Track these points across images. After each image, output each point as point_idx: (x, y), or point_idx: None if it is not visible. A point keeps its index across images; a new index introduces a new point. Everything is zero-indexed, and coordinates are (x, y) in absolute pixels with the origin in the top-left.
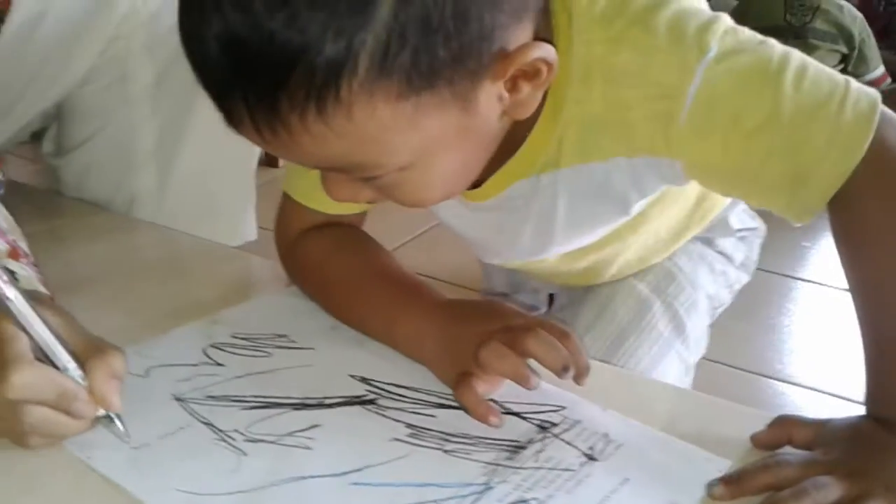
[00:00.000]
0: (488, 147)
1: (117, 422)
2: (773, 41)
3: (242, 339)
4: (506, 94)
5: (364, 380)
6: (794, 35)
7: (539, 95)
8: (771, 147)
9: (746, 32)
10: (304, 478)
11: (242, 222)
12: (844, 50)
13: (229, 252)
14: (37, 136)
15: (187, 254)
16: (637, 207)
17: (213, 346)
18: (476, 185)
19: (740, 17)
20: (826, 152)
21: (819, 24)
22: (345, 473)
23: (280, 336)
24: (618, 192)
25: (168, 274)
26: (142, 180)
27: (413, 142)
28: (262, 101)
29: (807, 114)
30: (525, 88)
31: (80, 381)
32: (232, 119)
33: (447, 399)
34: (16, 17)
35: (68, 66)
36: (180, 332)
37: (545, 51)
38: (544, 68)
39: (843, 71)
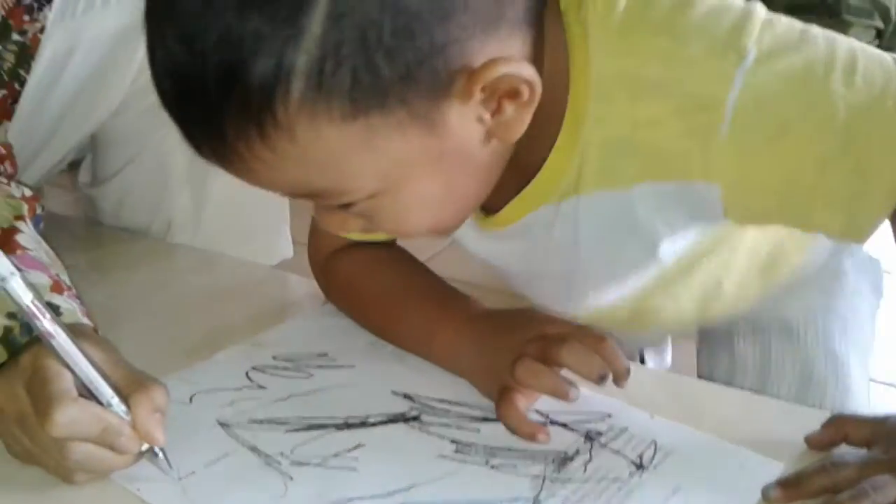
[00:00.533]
0: (479, 172)
1: (161, 455)
2: (814, 31)
3: (284, 360)
4: (487, 116)
5: (407, 396)
6: (829, 12)
7: (526, 117)
8: (826, 155)
9: (783, 23)
10: (351, 499)
11: (278, 240)
12: (880, 25)
13: (267, 272)
14: (73, 166)
15: (226, 276)
16: (669, 252)
17: (254, 368)
18: (496, 210)
19: None
20: (889, 153)
21: None
22: (391, 494)
23: (321, 355)
24: (644, 226)
25: (209, 298)
26: (177, 204)
27: (376, 166)
28: (208, 129)
29: (862, 113)
30: (508, 109)
31: (123, 416)
32: (194, 147)
33: (491, 413)
34: (46, 53)
35: (101, 98)
36: (222, 357)
37: (517, 67)
38: (524, 87)
39: (879, 46)
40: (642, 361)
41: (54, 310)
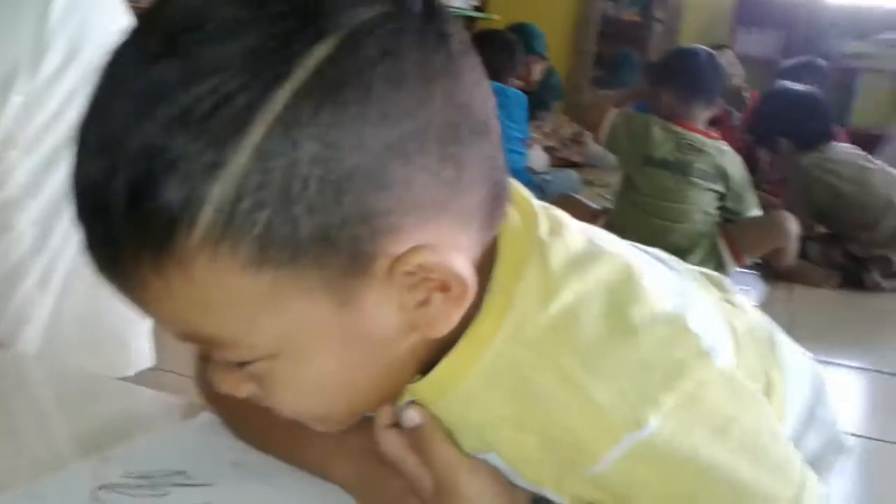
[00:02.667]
0: (390, 367)
1: None
2: (734, 430)
3: (136, 477)
4: (410, 303)
5: None
6: (680, 171)
7: (454, 314)
8: None
9: (707, 405)
10: None
11: (136, 350)
12: (722, 190)
13: (119, 386)
14: None
15: (75, 389)
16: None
17: (102, 487)
18: None
19: (637, 143)
20: None
21: (702, 164)
22: None
23: (178, 473)
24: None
25: (56, 411)
26: (30, 310)
27: (277, 325)
28: (105, 246)
29: None
30: (436, 302)
31: None
32: (91, 259)
33: None
34: None
35: None
36: (67, 474)
37: (447, 259)
38: (455, 282)
39: (722, 208)
40: None
41: None
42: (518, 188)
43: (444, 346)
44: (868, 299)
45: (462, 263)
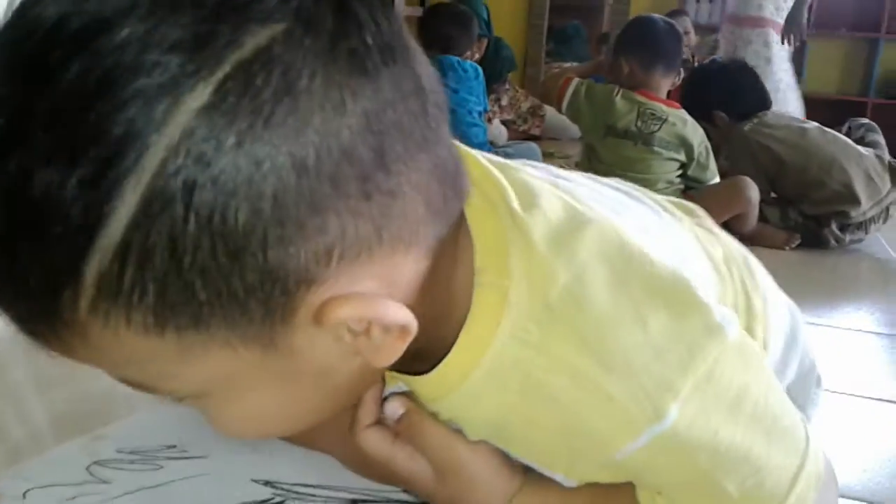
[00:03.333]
0: (340, 386)
1: None
2: (749, 394)
3: (129, 453)
4: (347, 337)
5: (268, 483)
6: (643, 141)
7: (400, 347)
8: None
9: (722, 383)
10: None
11: None
12: (683, 159)
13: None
14: None
15: (55, 372)
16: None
17: (96, 463)
18: None
19: (599, 112)
20: None
21: (664, 133)
22: None
23: (170, 447)
24: None
25: (36, 394)
26: None
27: (194, 374)
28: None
29: None
30: (376, 335)
31: None
32: None
33: (359, 494)
34: None
35: None
36: (60, 452)
37: (378, 310)
38: (393, 327)
39: (683, 175)
40: None
41: None
42: (476, 161)
43: (433, 346)
44: (829, 257)
45: (396, 311)
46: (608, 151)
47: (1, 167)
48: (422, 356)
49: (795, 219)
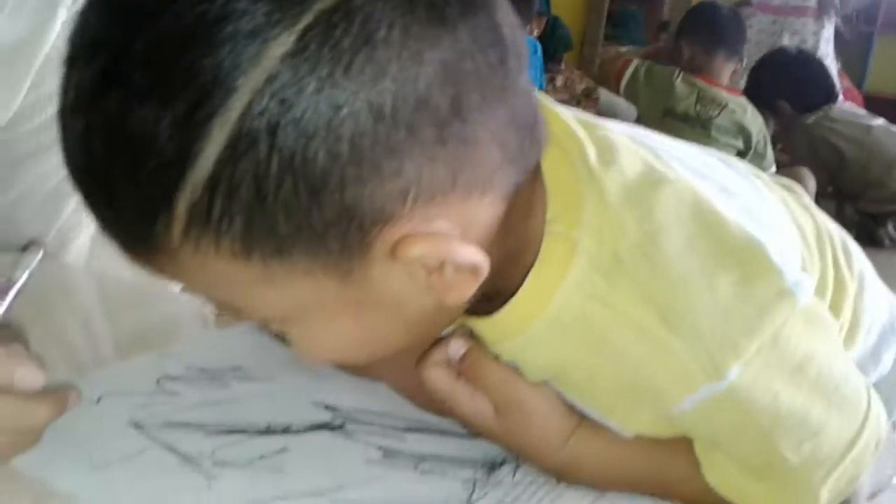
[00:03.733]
0: (415, 321)
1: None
2: (810, 367)
3: (197, 370)
4: (421, 273)
5: (329, 406)
6: (701, 125)
7: (472, 286)
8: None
9: (788, 346)
10: (280, 498)
11: None
12: (741, 146)
13: (165, 294)
14: None
15: (122, 297)
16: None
17: (166, 377)
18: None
19: (658, 95)
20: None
21: (722, 120)
22: (321, 493)
23: (235, 368)
24: None
25: (104, 317)
26: (74, 227)
27: (279, 300)
28: (99, 226)
29: (790, 475)
30: (449, 273)
31: None
32: None
33: (416, 423)
34: None
35: None
36: (130, 364)
37: (450, 251)
38: (465, 268)
39: None
40: None
41: None
42: (557, 113)
43: (500, 288)
44: (884, 255)
45: (467, 252)
46: (665, 135)
47: (100, 104)
48: (489, 298)
49: (851, 215)
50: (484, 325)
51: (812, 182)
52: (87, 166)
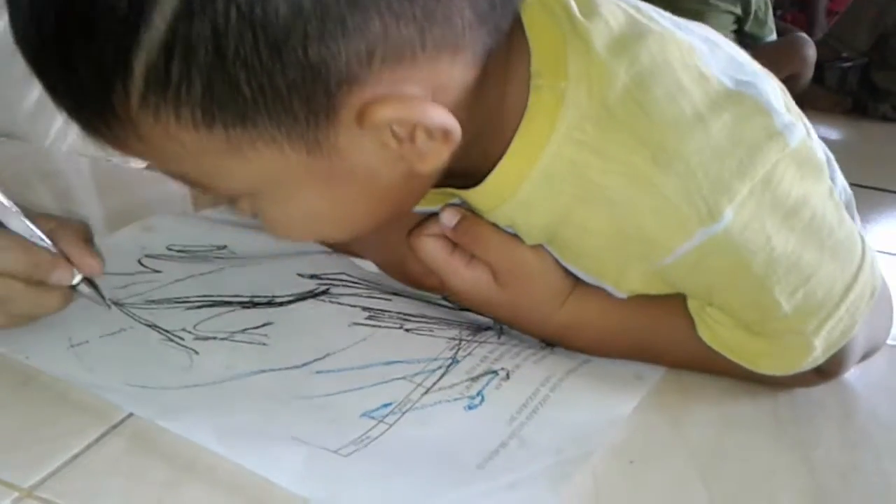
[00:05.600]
0: (387, 194)
1: (90, 290)
2: (803, 213)
3: (178, 250)
4: (392, 143)
5: (313, 276)
6: None
7: (444, 153)
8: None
9: (781, 188)
10: (264, 371)
11: None
12: (739, 13)
13: (141, 174)
14: None
15: (98, 177)
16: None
17: (148, 255)
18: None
19: None
20: (772, 357)
21: None
22: (307, 364)
23: (220, 248)
24: None
25: (80, 196)
26: (41, 109)
27: (243, 173)
28: (53, 98)
29: (784, 326)
30: (421, 138)
31: (51, 250)
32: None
33: (401, 288)
34: None
35: None
36: (110, 242)
37: (421, 113)
38: (435, 131)
39: (739, 31)
40: None
41: None
42: None
43: (487, 153)
44: (875, 129)
45: (437, 114)
46: (660, 3)
47: None
48: (477, 167)
49: (853, 86)
50: (475, 196)
51: (812, 50)
52: (37, 33)
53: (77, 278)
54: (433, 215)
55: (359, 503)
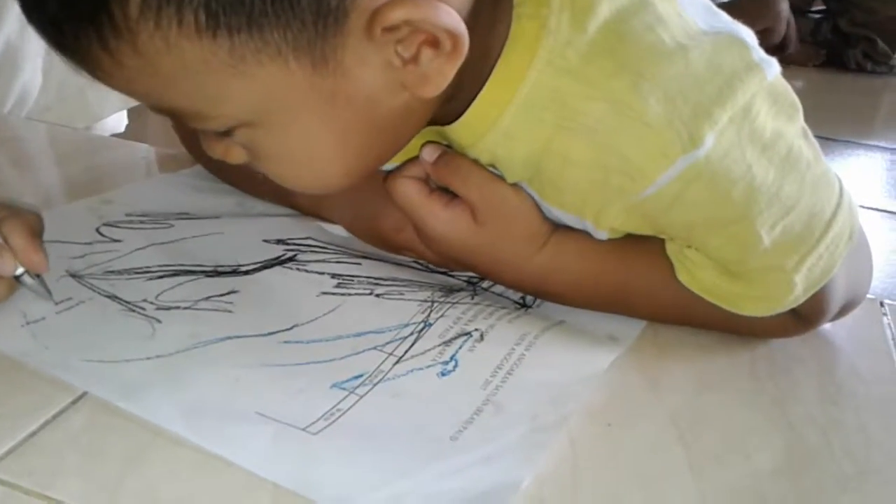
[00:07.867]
0: (385, 127)
1: (38, 281)
2: (780, 143)
3: (139, 217)
4: (397, 62)
5: (280, 241)
6: None
7: (448, 71)
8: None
9: (759, 118)
10: (230, 337)
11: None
12: None
13: (105, 140)
14: None
15: (63, 145)
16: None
17: (106, 224)
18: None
19: None
20: (752, 299)
21: None
22: (273, 333)
23: (181, 214)
24: None
25: (42, 165)
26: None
27: (245, 93)
28: (45, 25)
29: (764, 263)
30: (426, 59)
31: None
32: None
33: (371, 252)
34: None
35: None
36: (68, 210)
37: (432, 12)
38: (445, 37)
39: None
40: None
41: None
42: None
43: (469, 84)
44: (848, 77)
45: (450, 16)
46: None
47: None
48: (462, 105)
49: (825, 34)
50: (457, 130)
51: (785, 4)
52: None
53: (20, 269)
54: (412, 159)
55: (328, 485)
